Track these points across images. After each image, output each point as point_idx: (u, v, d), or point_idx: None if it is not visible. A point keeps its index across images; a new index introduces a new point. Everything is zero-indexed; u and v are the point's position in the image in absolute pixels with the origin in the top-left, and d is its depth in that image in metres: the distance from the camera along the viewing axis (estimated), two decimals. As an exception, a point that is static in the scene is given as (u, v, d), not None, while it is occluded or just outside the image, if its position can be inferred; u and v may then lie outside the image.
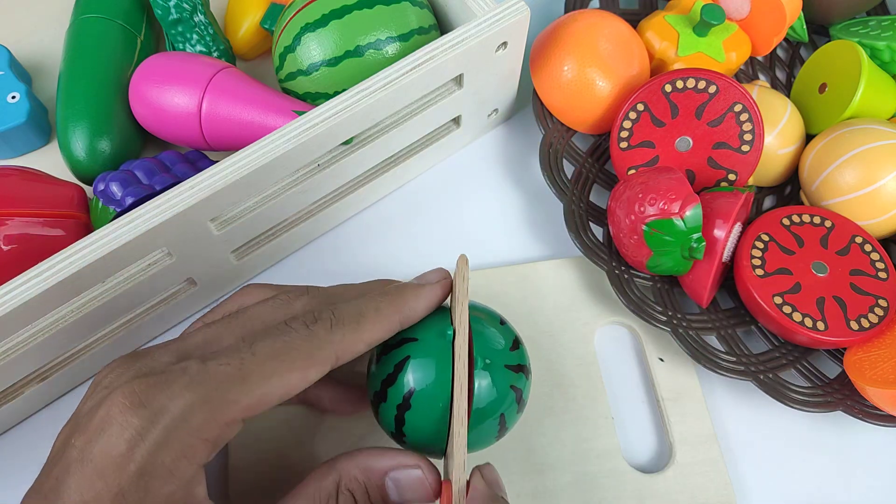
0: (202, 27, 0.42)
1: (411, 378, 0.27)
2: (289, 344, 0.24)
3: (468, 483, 0.26)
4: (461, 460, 0.24)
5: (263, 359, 0.24)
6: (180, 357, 0.24)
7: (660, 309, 0.37)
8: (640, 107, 0.39)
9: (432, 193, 0.43)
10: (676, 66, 0.41)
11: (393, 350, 0.28)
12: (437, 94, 0.38)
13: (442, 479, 0.26)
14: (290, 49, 0.38)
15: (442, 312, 0.29)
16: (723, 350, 0.37)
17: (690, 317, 0.37)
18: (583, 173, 0.41)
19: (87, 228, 0.37)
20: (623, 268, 0.38)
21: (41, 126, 0.43)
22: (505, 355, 0.28)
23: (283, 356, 0.24)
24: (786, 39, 0.48)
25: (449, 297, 0.29)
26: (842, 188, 0.37)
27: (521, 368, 0.28)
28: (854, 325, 0.34)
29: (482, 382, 0.27)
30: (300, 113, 0.37)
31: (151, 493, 0.21)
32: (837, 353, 0.37)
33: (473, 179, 0.44)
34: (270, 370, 0.24)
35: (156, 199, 0.31)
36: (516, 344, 0.29)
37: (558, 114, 0.41)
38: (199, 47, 0.42)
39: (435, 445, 0.28)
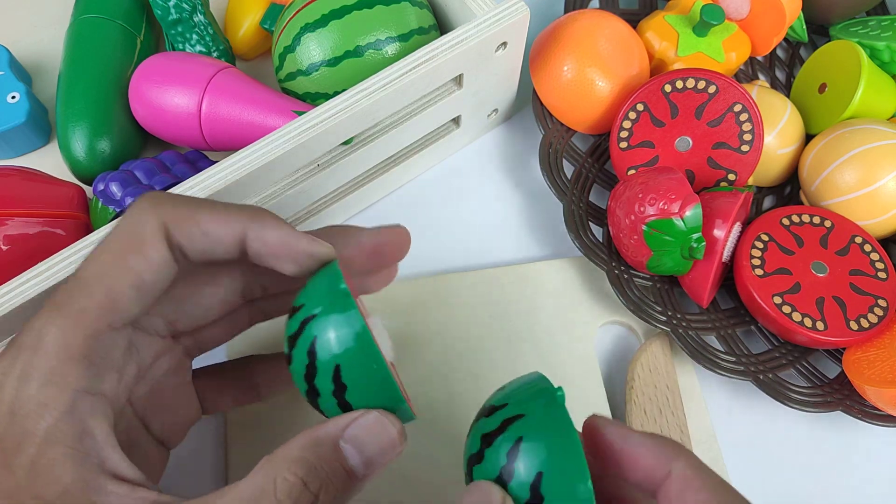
0: (202, 27, 0.42)
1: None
2: (115, 233, 0.23)
3: None
4: None
5: (94, 259, 0.22)
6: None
7: (660, 309, 0.37)
8: (640, 107, 0.39)
9: (432, 194, 0.43)
10: (676, 66, 0.41)
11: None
12: (437, 94, 0.38)
13: None
14: (289, 49, 0.38)
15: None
16: (722, 350, 0.37)
17: (690, 317, 0.37)
18: (583, 173, 0.41)
19: (87, 228, 0.37)
20: (623, 268, 0.38)
21: (41, 126, 0.43)
22: None
23: (111, 248, 0.22)
24: (785, 39, 0.48)
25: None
26: (841, 188, 0.37)
27: None
28: (853, 325, 0.34)
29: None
30: (300, 113, 0.37)
31: (27, 431, 0.20)
32: (837, 353, 0.37)
33: (473, 179, 0.44)
34: (105, 265, 0.22)
35: (156, 199, 0.31)
36: None
37: (558, 114, 0.41)
38: (198, 47, 0.42)
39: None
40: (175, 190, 0.31)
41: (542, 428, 0.22)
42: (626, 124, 0.39)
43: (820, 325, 0.34)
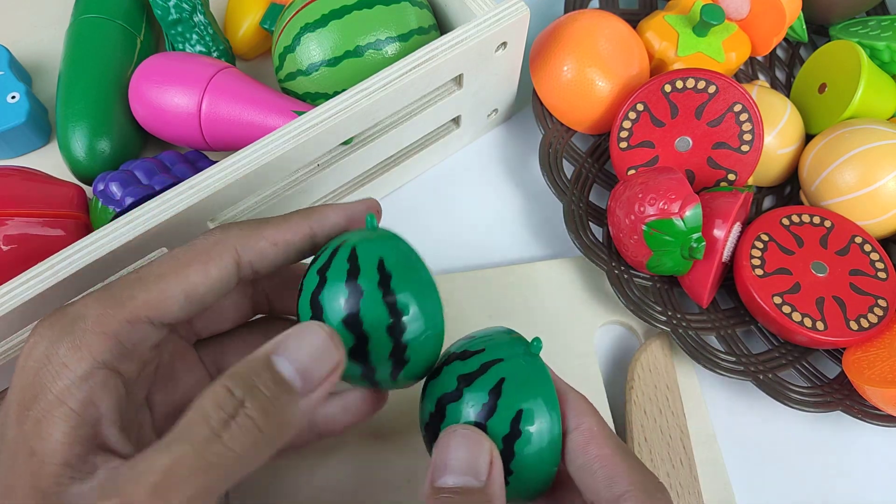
0: (202, 27, 0.42)
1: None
2: (186, 247, 0.25)
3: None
4: None
5: (160, 262, 0.24)
6: None
7: (659, 309, 0.37)
8: (640, 107, 0.39)
9: (432, 194, 0.43)
10: (676, 66, 0.41)
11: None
12: (437, 94, 0.38)
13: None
14: (289, 49, 0.38)
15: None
16: (722, 350, 0.37)
17: (690, 317, 0.37)
18: (582, 173, 0.41)
19: (87, 228, 0.37)
20: (623, 268, 0.38)
21: (41, 126, 0.43)
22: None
23: (179, 256, 0.24)
24: (785, 39, 0.48)
25: None
26: (841, 188, 0.37)
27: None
28: (853, 325, 0.34)
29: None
30: (300, 113, 0.37)
31: (43, 387, 0.21)
32: (837, 353, 0.37)
33: (473, 179, 0.44)
34: (166, 269, 0.24)
35: (155, 199, 0.31)
36: None
37: (558, 114, 0.41)
38: (198, 47, 0.42)
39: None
40: (175, 190, 0.31)
41: (521, 371, 0.24)
42: (626, 124, 0.39)
43: (820, 325, 0.34)
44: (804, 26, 0.46)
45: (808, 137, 0.42)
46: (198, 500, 0.19)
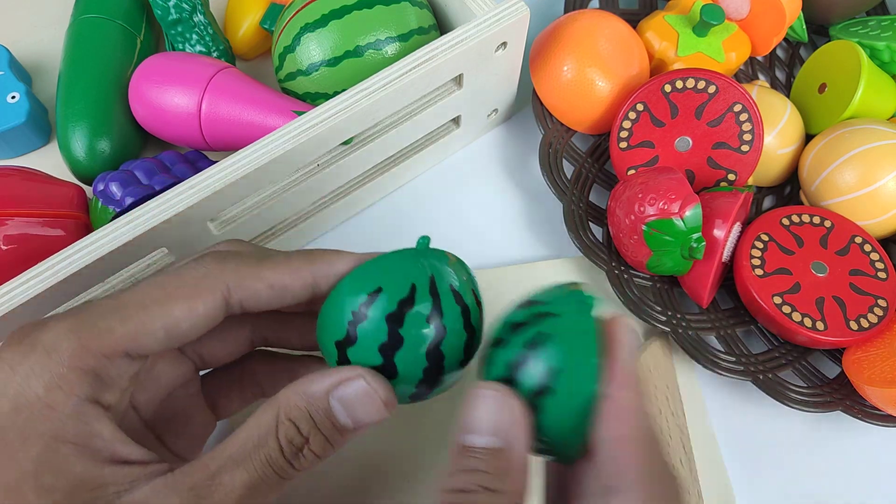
0: (202, 27, 0.42)
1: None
2: (173, 274, 0.23)
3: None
4: None
5: (143, 290, 0.23)
6: None
7: (659, 309, 0.37)
8: (640, 107, 0.39)
9: (432, 193, 0.43)
10: (676, 66, 0.41)
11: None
12: (437, 94, 0.38)
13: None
14: (289, 49, 0.38)
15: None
16: (722, 350, 0.37)
17: (690, 317, 0.37)
18: (582, 173, 0.41)
19: (87, 228, 0.37)
20: (623, 268, 0.38)
21: (41, 126, 0.43)
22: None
23: (165, 285, 0.23)
24: (785, 39, 0.48)
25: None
26: (841, 188, 0.37)
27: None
28: (853, 325, 0.34)
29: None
30: (300, 113, 0.37)
31: (34, 429, 0.21)
32: (837, 353, 0.37)
33: (473, 180, 0.44)
34: (149, 299, 0.23)
35: (155, 199, 0.31)
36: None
37: (558, 114, 0.41)
38: (198, 47, 0.42)
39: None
40: (175, 190, 0.31)
41: (566, 327, 0.23)
42: (626, 124, 0.39)
43: (820, 325, 0.34)
44: (804, 26, 0.46)
45: (808, 137, 0.42)
46: None
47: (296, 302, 0.26)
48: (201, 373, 0.29)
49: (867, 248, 0.37)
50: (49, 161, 0.43)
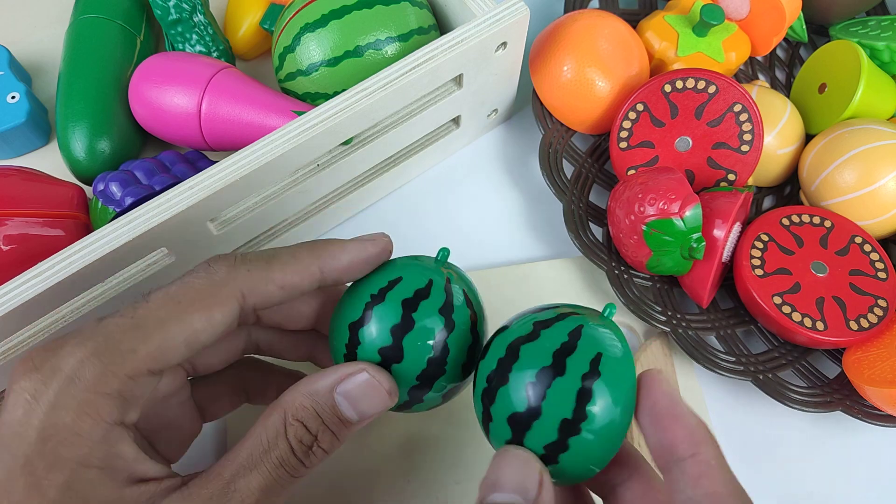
0: (202, 27, 0.42)
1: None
2: (187, 285, 0.23)
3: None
4: None
5: (159, 304, 0.23)
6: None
7: (659, 309, 0.37)
8: (640, 107, 0.39)
9: (432, 194, 0.43)
10: (676, 66, 0.41)
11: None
12: (437, 94, 0.38)
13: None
14: (289, 49, 0.38)
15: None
16: (722, 350, 0.37)
17: (690, 317, 0.37)
18: (582, 173, 0.41)
19: (87, 228, 0.37)
20: (623, 268, 0.38)
21: (41, 126, 0.43)
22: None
23: (180, 298, 0.23)
24: (785, 39, 0.48)
25: None
26: (841, 188, 0.37)
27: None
28: (853, 325, 0.34)
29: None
30: (300, 113, 0.37)
31: (60, 457, 0.21)
32: (837, 353, 0.37)
33: (473, 180, 0.44)
34: (166, 314, 0.23)
35: (155, 199, 0.31)
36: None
37: (558, 114, 0.41)
38: (198, 47, 0.42)
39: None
40: (175, 190, 0.31)
41: (599, 325, 0.24)
42: (626, 124, 0.39)
43: (820, 325, 0.34)
44: (804, 26, 0.46)
45: (808, 137, 0.42)
46: None
47: (303, 294, 0.26)
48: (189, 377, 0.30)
49: (867, 248, 0.37)
50: (49, 161, 0.43)
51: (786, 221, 0.38)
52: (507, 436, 0.23)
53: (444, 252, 0.28)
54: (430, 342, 0.25)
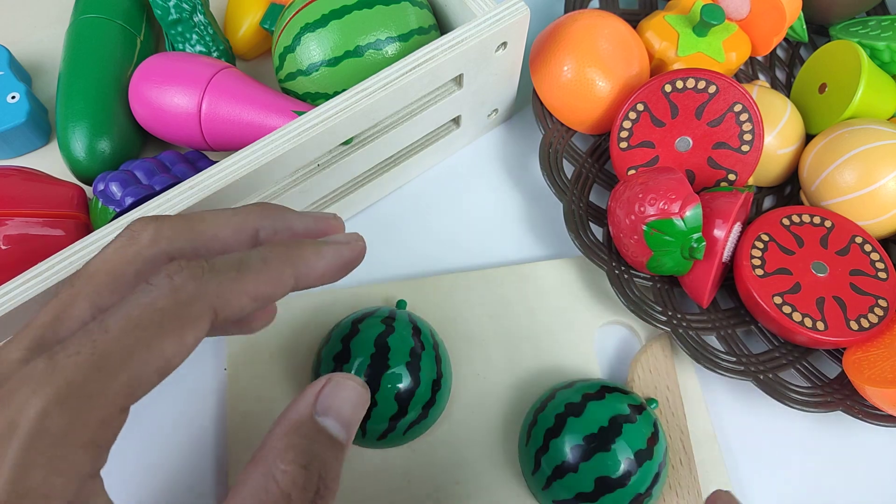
0: (202, 27, 0.42)
1: None
2: (151, 306, 0.20)
3: None
4: None
5: (120, 333, 0.20)
6: (31, 346, 0.20)
7: (660, 309, 0.37)
8: (640, 107, 0.39)
9: (432, 194, 0.43)
10: (676, 66, 0.41)
11: None
12: (437, 94, 0.38)
13: None
14: (289, 49, 0.38)
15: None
16: (723, 350, 0.37)
17: (690, 317, 0.37)
18: (583, 173, 0.41)
19: (87, 228, 0.37)
20: (623, 268, 0.38)
21: (41, 126, 0.43)
22: None
23: (144, 324, 0.20)
24: (785, 39, 0.48)
25: None
26: (842, 188, 0.37)
27: None
28: (854, 325, 0.34)
29: None
30: (300, 113, 0.37)
31: None
32: (837, 353, 0.37)
33: (473, 180, 0.44)
34: (133, 343, 0.20)
35: (155, 199, 0.31)
36: None
37: (558, 114, 0.41)
38: (198, 47, 0.42)
39: None
40: (175, 190, 0.31)
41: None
42: (626, 124, 0.39)
43: (820, 325, 0.34)
44: (804, 26, 0.46)
45: (809, 137, 0.42)
46: None
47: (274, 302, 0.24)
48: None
49: (867, 248, 0.37)
50: (49, 161, 0.43)
51: (786, 221, 0.38)
52: None
53: (402, 303, 0.37)
54: (405, 357, 0.33)
